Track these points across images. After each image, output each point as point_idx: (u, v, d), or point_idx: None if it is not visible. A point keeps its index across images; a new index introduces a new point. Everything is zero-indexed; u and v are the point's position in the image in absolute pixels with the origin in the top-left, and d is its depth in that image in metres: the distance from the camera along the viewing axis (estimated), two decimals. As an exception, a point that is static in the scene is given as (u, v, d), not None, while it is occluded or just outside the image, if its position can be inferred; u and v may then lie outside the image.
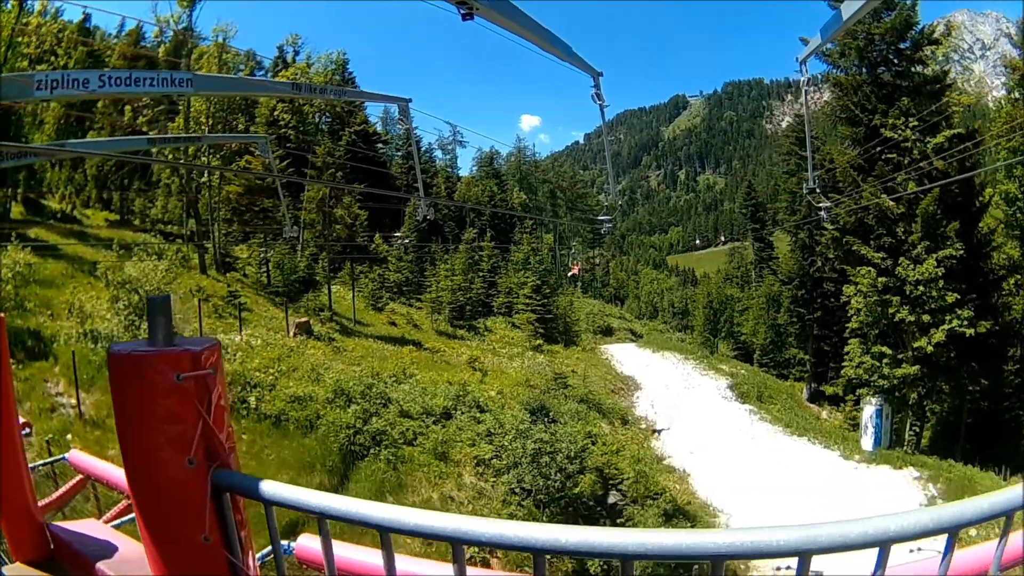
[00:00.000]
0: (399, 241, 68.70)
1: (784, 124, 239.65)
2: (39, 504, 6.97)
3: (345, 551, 3.80)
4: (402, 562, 3.54)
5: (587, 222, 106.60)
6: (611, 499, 28.62)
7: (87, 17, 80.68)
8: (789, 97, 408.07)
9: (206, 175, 62.19)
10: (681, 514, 29.18)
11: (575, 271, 58.77)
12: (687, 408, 46.50)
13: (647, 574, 24.80)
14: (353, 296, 59.08)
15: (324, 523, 2.96)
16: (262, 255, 58.74)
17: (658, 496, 29.45)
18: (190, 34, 63.99)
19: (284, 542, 3.98)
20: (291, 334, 43.17)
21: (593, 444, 31.55)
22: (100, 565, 4.34)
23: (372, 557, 3.89)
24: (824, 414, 57.44)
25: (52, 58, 63.43)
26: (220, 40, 64.72)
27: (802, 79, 22.42)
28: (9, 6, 59.74)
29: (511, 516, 25.76)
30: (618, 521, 27.38)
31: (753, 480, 34.09)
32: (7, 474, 5.55)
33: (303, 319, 46.24)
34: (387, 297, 65.84)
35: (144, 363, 3.06)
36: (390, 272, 71.86)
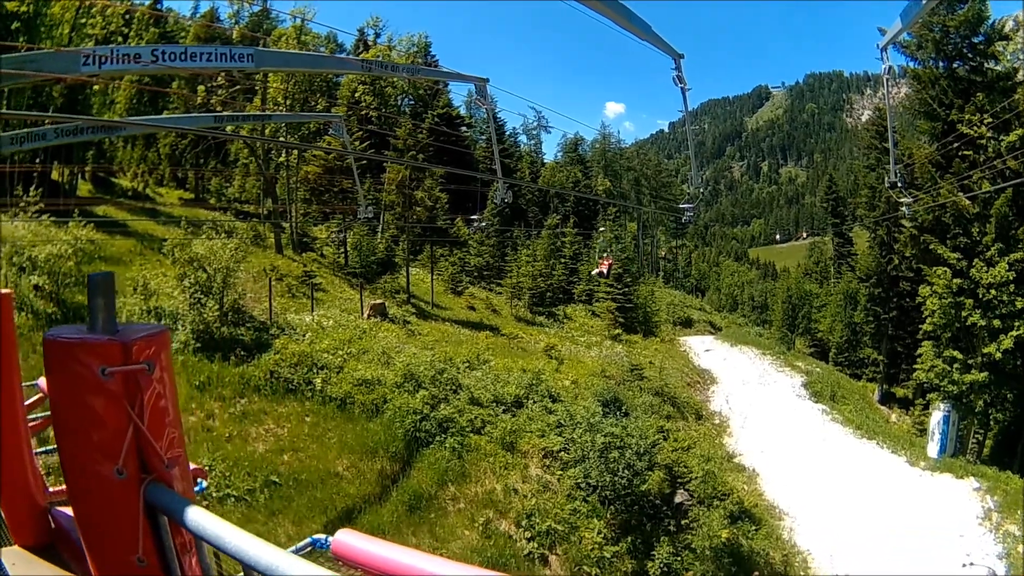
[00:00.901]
0: (476, 224, 68.14)
1: (864, 118, 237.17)
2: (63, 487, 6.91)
3: (382, 549, 3.39)
4: (437, 564, 3.11)
5: (669, 211, 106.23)
6: (678, 498, 28.32)
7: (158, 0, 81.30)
8: (868, 91, 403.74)
9: (283, 155, 62.74)
10: (747, 516, 28.99)
11: (603, 268, 56.67)
12: (761, 405, 46.18)
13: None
14: (432, 279, 59.28)
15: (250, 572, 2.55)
16: (340, 235, 59.04)
17: (725, 497, 29.14)
18: (266, 15, 64.92)
19: (321, 536, 3.66)
20: (365, 316, 43.01)
21: (664, 440, 31.11)
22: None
23: (409, 557, 3.33)
24: (894, 417, 56.52)
25: (119, 39, 63.81)
26: (298, 22, 64.61)
27: (883, 67, 21.88)
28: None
29: (574, 512, 25.76)
30: (683, 522, 27.21)
31: (819, 483, 33.81)
32: (7, 457, 5.41)
33: (379, 301, 46.00)
34: (467, 281, 65.62)
35: (71, 352, 2.86)
36: (471, 256, 71.49)
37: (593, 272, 52.01)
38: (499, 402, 31.13)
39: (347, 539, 3.48)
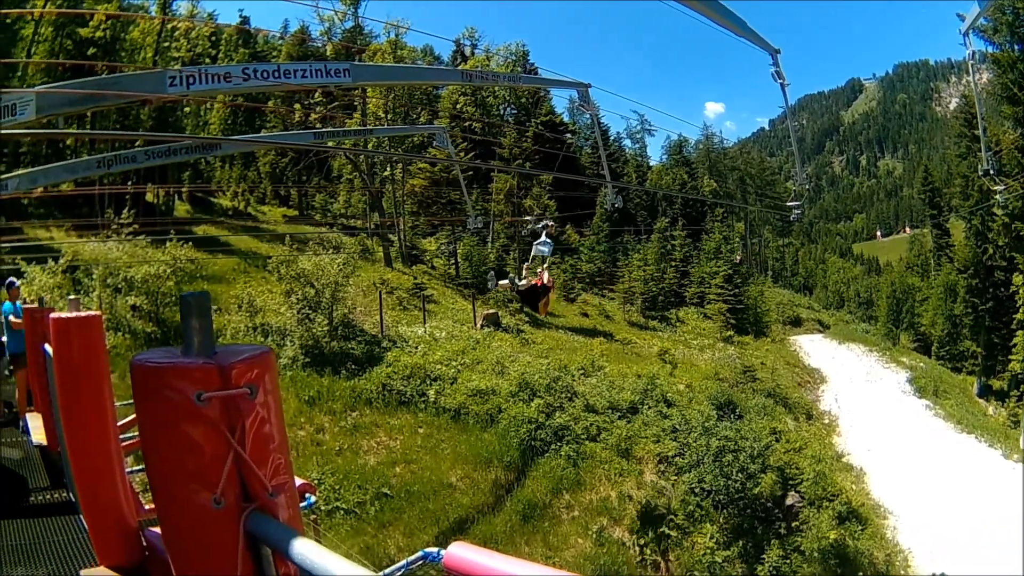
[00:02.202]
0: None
1: (952, 106, 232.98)
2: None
3: (497, 562, 3.14)
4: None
5: (776, 209, 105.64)
6: (789, 500, 28.40)
7: (246, 20, 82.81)
8: (953, 78, 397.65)
9: (388, 169, 63.44)
10: (854, 516, 28.65)
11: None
12: (868, 403, 46.02)
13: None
14: None
15: None
16: (450, 247, 59.60)
17: (834, 498, 28.90)
18: (359, 31, 65.25)
19: (433, 549, 3.51)
20: (478, 326, 43.64)
21: (776, 442, 31.14)
22: None
23: (524, 569, 3.13)
24: (991, 410, 55.45)
25: (207, 61, 63.80)
26: (393, 36, 65.68)
27: (967, 52, 21.44)
28: (153, 11, 61.13)
29: (688, 516, 25.72)
30: (793, 524, 27.16)
31: (921, 480, 33.69)
32: (99, 476, 5.81)
33: (491, 311, 46.55)
34: (579, 288, 65.42)
35: (162, 377, 2.65)
36: (582, 262, 70.88)
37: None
38: (614, 408, 31.04)
39: (460, 552, 3.32)
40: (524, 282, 23.36)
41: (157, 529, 5.42)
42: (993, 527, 28.66)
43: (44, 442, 11.96)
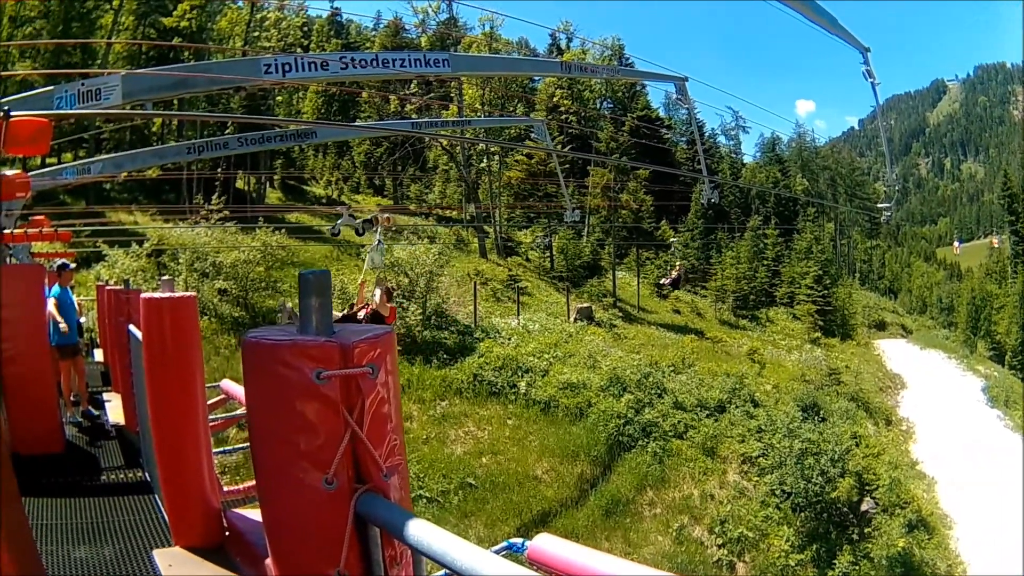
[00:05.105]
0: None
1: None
2: (246, 485, 7.88)
3: (583, 556, 3.21)
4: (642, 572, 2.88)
5: (867, 211, 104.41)
6: (864, 506, 28.36)
7: (337, 12, 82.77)
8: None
9: (485, 160, 63.91)
10: (923, 525, 28.66)
11: (674, 275, 52.61)
12: (943, 410, 45.66)
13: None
14: (638, 283, 59.71)
15: None
16: (545, 240, 59.44)
17: (906, 505, 28.98)
18: (454, 23, 65.42)
19: (517, 540, 3.58)
20: (571, 319, 43.63)
21: (856, 446, 31.12)
22: (271, 561, 3.57)
23: (613, 566, 3.15)
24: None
25: (299, 51, 64.15)
26: (488, 29, 66.34)
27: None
28: (240, 3, 61.75)
29: (767, 519, 25.71)
30: (865, 531, 26.95)
31: (986, 489, 33.18)
32: (183, 457, 6.07)
33: (585, 304, 47.71)
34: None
35: (279, 354, 2.75)
36: (676, 259, 69.81)
37: (663, 281, 50.41)
38: (702, 406, 31.12)
39: (545, 544, 3.34)
40: (340, 314, 13.87)
41: (240, 511, 6.31)
42: None
43: (122, 422, 12.51)
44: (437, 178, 74.51)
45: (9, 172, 13.08)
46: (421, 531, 2.40)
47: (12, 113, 6.64)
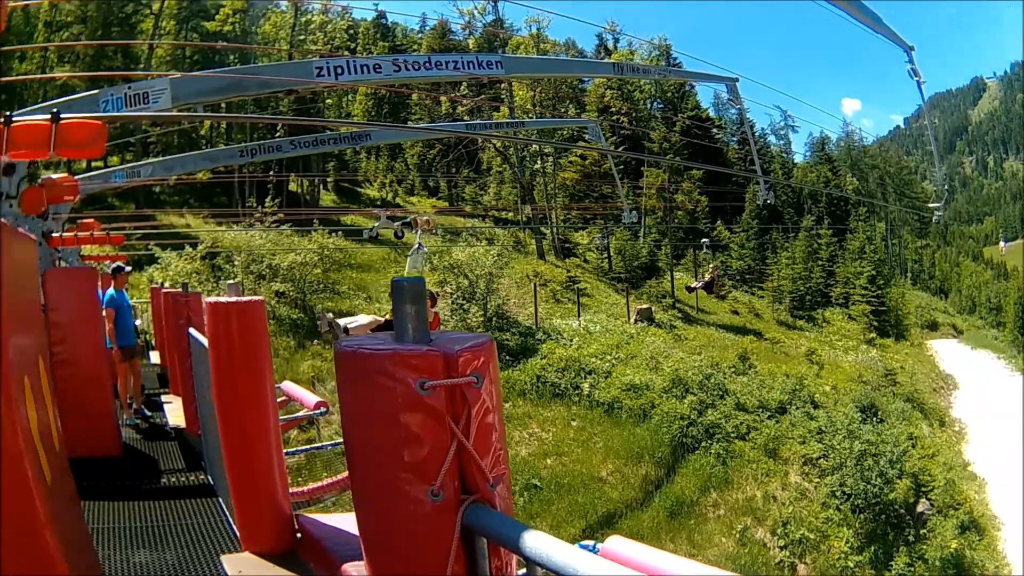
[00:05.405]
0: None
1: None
2: (311, 487, 7.77)
3: (656, 558, 3.19)
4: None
5: (917, 210, 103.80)
6: (920, 507, 28.31)
7: (382, 14, 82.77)
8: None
9: (539, 162, 63.72)
10: (974, 526, 28.72)
11: (707, 278, 50.13)
12: (992, 411, 45.35)
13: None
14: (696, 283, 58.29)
15: None
16: (603, 240, 59.35)
17: (959, 506, 29.06)
18: (500, 24, 66.00)
19: (589, 542, 3.45)
20: (632, 321, 43.88)
21: (912, 447, 31.33)
22: (348, 567, 3.80)
23: (686, 568, 3.30)
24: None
25: (346, 53, 63.66)
26: (535, 30, 66.49)
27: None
28: (284, 7, 62.20)
29: (827, 520, 25.77)
30: (920, 532, 26.97)
31: None
32: (255, 461, 5.97)
33: (645, 306, 47.91)
34: (729, 285, 64.64)
35: (378, 365, 2.66)
36: (732, 259, 71.76)
37: (694, 285, 49.53)
38: (764, 408, 31.23)
39: (617, 546, 3.37)
40: (369, 318, 13.95)
41: (313, 515, 6.21)
42: None
43: (182, 424, 12.47)
44: (491, 180, 73.56)
45: (55, 176, 12.91)
46: (539, 542, 2.32)
47: (61, 116, 6.77)
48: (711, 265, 48.34)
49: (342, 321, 13.61)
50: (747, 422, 29.56)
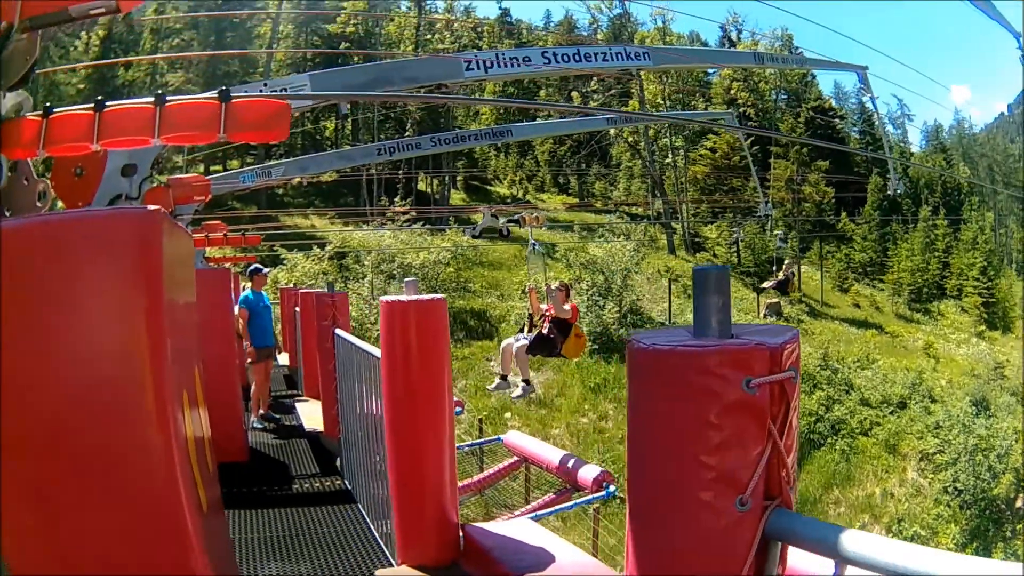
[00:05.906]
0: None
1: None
2: (479, 477, 8.65)
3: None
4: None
5: (1022, 199, 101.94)
6: (1019, 503, 29.06)
7: (506, 12, 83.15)
8: None
9: (670, 156, 64.91)
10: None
11: (781, 277, 47.07)
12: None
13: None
14: (821, 277, 60.47)
15: None
16: (733, 234, 59.59)
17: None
18: (627, 18, 67.22)
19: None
20: (761, 315, 46.12)
21: (1016, 442, 31.44)
22: None
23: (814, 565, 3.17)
24: None
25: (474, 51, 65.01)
26: (660, 23, 67.77)
27: None
28: (405, 7, 63.27)
29: (938, 517, 26.94)
30: (1017, 527, 28.29)
31: None
32: (419, 469, 5.86)
33: (774, 300, 48.64)
34: (852, 278, 65.46)
35: (700, 363, 2.33)
36: (855, 252, 70.62)
37: (765, 285, 48.63)
38: (887, 403, 32.50)
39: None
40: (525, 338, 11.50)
41: (479, 524, 6.28)
42: None
43: (319, 428, 12.18)
44: (621, 175, 75.18)
45: (185, 176, 13.28)
46: (859, 543, 2.10)
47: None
48: (785, 262, 48.05)
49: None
50: (871, 418, 31.13)
